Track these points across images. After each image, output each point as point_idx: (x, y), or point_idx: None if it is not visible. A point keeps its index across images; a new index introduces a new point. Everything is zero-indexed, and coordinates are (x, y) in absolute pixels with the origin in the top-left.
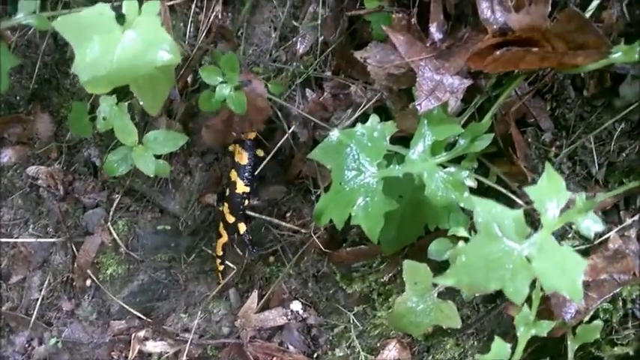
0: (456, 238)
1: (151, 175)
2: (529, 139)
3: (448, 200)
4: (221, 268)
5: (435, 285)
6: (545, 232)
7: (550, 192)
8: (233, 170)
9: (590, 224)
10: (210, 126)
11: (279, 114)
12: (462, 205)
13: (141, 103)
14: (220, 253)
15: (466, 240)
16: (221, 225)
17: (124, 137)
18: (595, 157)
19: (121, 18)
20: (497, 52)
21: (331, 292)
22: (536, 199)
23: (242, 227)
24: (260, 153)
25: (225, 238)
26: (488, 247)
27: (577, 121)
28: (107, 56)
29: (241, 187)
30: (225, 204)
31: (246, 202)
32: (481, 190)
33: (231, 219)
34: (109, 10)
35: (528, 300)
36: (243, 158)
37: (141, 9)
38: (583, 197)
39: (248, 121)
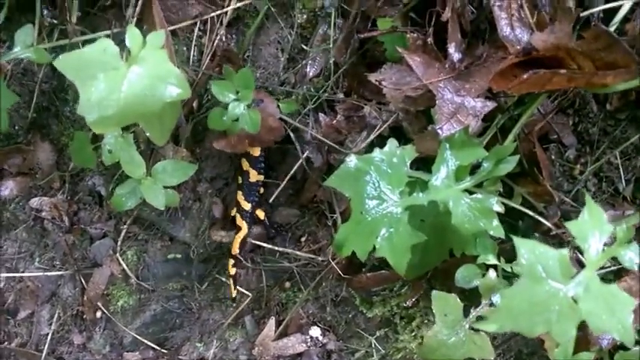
0: (484, 265)
1: (162, 208)
2: (552, 157)
3: (476, 229)
4: (233, 271)
5: (466, 315)
6: (590, 271)
7: (592, 226)
8: (244, 160)
9: (633, 256)
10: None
11: (293, 136)
12: (491, 233)
13: (147, 133)
14: (237, 251)
15: (495, 267)
16: (238, 217)
17: (131, 170)
18: (622, 173)
19: (122, 45)
20: (525, 76)
21: (351, 315)
22: (578, 235)
23: (261, 214)
24: None
25: (244, 229)
26: (533, 290)
27: (601, 136)
28: (114, 94)
29: (255, 176)
30: (239, 192)
31: (261, 189)
32: (505, 211)
33: (247, 206)
34: (113, 45)
35: None
36: (256, 150)
37: (145, 40)
38: (624, 228)
39: (258, 142)
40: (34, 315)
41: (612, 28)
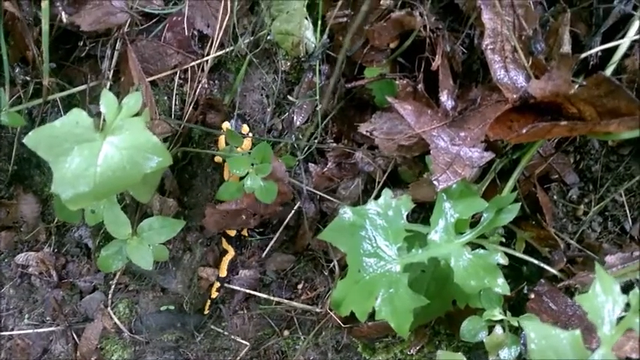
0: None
1: (149, 269)
2: (554, 197)
3: (481, 286)
4: (215, 295)
5: None
6: (606, 348)
7: (605, 300)
8: None
9: None
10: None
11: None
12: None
13: (131, 192)
14: (224, 273)
15: (501, 322)
16: (224, 241)
17: (116, 231)
18: (628, 212)
19: (97, 99)
20: (524, 130)
21: None
22: (590, 310)
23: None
24: None
25: (231, 252)
26: None
27: (604, 173)
28: (89, 169)
29: None
30: None
31: None
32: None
33: (232, 232)
34: (86, 116)
35: None
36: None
37: (120, 105)
38: (637, 293)
39: (263, 207)
40: None
41: (611, 68)
